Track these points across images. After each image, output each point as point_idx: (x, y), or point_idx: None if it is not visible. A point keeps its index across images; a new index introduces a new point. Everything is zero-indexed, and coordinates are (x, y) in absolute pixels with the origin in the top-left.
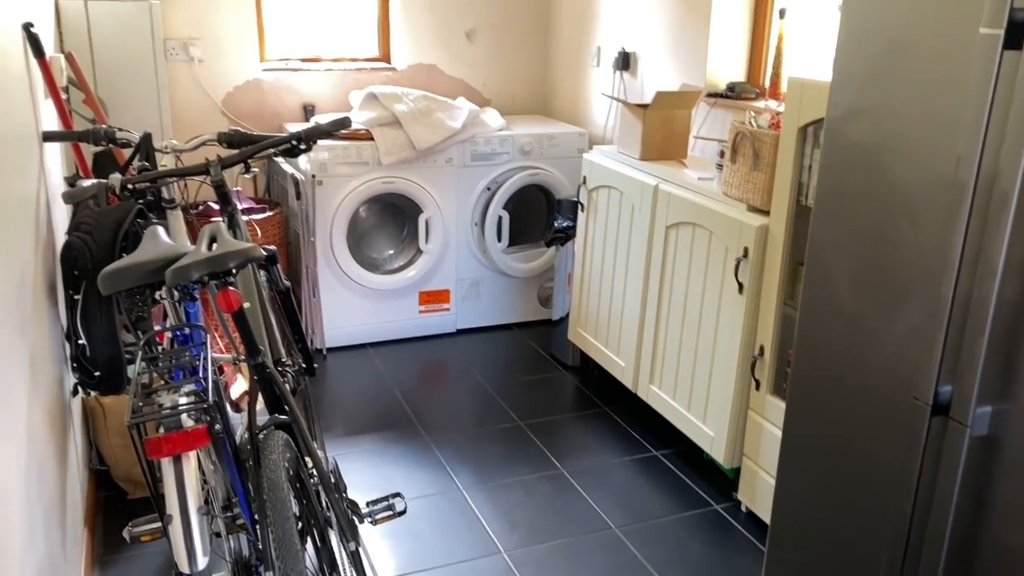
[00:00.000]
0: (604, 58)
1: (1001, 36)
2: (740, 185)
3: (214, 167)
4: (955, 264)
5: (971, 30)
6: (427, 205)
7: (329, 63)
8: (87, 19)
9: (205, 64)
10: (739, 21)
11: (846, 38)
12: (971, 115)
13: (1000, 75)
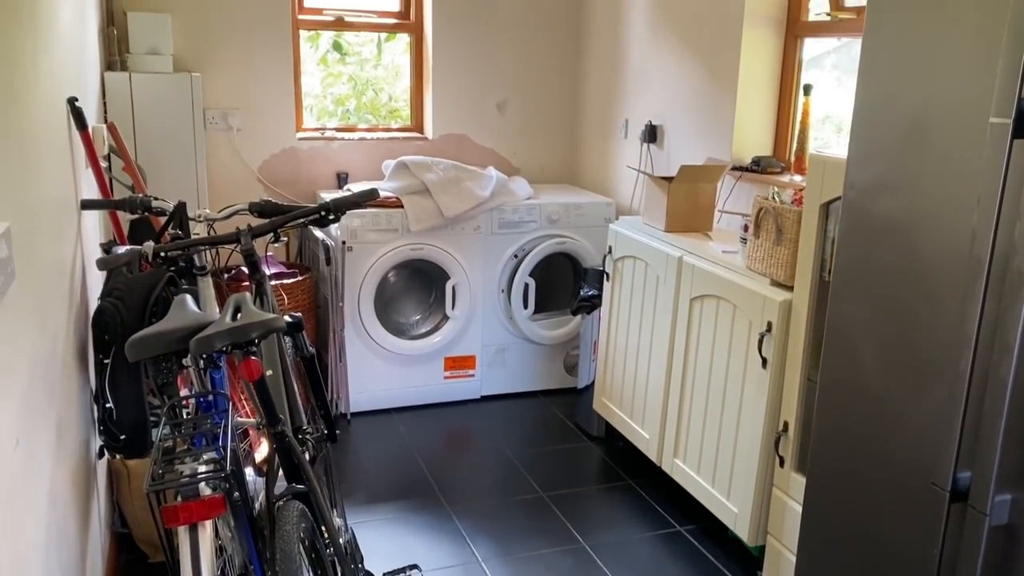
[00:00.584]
0: (632, 130)
1: (1010, 126)
2: (764, 259)
3: (244, 236)
4: (972, 340)
5: (982, 116)
6: (454, 271)
7: (363, 132)
8: (130, 90)
9: (243, 133)
10: (765, 96)
11: (861, 117)
12: (985, 197)
13: (1011, 162)
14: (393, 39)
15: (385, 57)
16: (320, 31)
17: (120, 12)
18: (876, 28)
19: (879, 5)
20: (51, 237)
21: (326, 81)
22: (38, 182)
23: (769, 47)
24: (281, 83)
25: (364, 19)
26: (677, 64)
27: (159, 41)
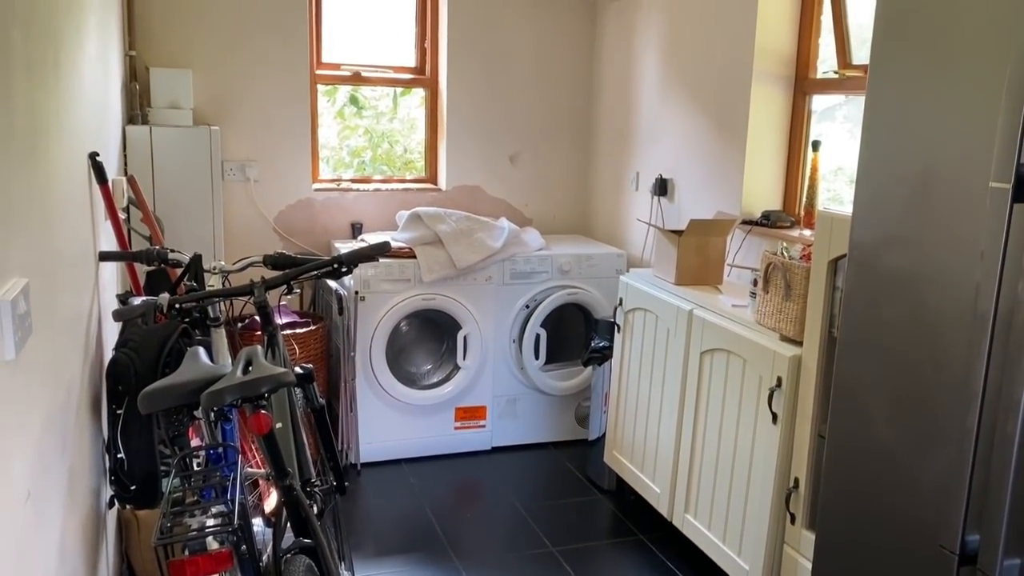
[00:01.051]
0: (642, 183)
1: (1010, 191)
2: (773, 315)
3: (258, 288)
4: (978, 397)
5: (984, 174)
6: (466, 321)
7: (378, 184)
8: (151, 143)
9: (260, 184)
10: (774, 151)
11: (865, 176)
12: (987, 254)
13: (1011, 226)
14: (409, 93)
15: (401, 110)
16: (337, 86)
17: (143, 68)
18: (878, 88)
19: (881, 66)
20: (69, 289)
21: (342, 134)
22: (58, 235)
23: (778, 103)
24: (298, 136)
25: (380, 74)
26: (687, 119)
27: (180, 95)
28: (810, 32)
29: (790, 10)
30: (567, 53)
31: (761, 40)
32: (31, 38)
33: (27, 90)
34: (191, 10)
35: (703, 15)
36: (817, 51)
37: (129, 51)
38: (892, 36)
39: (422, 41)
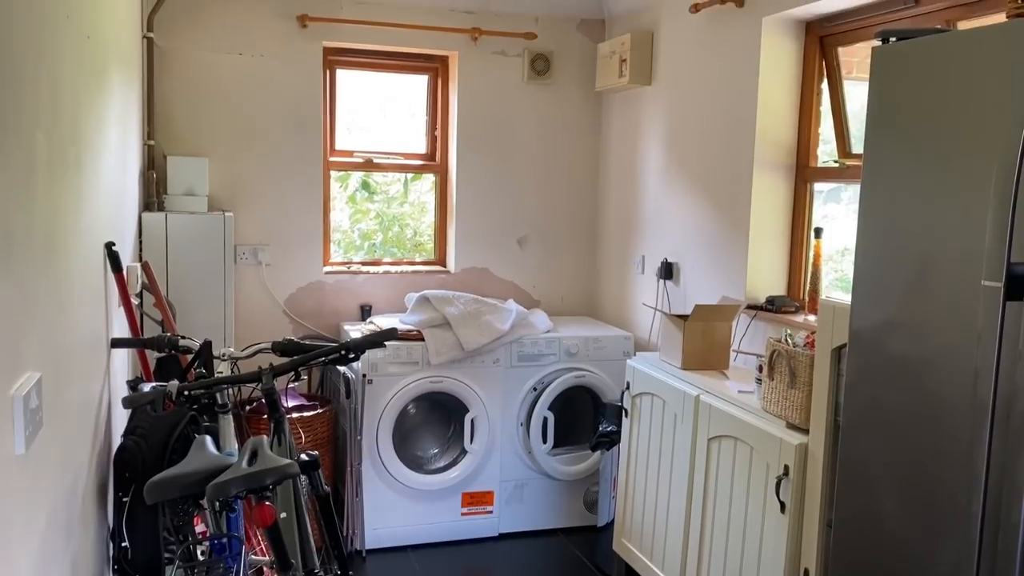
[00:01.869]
0: (648, 266)
1: (1002, 290)
2: (779, 402)
3: (266, 375)
4: (982, 483)
5: (977, 262)
6: (473, 404)
7: (387, 266)
8: (166, 230)
9: (272, 267)
10: (777, 237)
11: (863, 264)
12: (984, 345)
13: (1005, 322)
14: (419, 179)
15: (411, 194)
16: (350, 172)
17: (160, 156)
18: (872, 179)
19: (874, 158)
20: (81, 377)
21: (354, 217)
22: (73, 325)
23: (780, 191)
24: (310, 220)
25: (392, 160)
26: (691, 204)
27: (196, 183)
28: (809, 121)
29: (789, 100)
30: (573, 140)
31: (762, 129)
32: (55, 140)
33: (49, 190)
34: (209, 101)
35: (705, 104)
36: (817, 140)
37: (148, 140)
38: (884, 129)
39: (433, 129)
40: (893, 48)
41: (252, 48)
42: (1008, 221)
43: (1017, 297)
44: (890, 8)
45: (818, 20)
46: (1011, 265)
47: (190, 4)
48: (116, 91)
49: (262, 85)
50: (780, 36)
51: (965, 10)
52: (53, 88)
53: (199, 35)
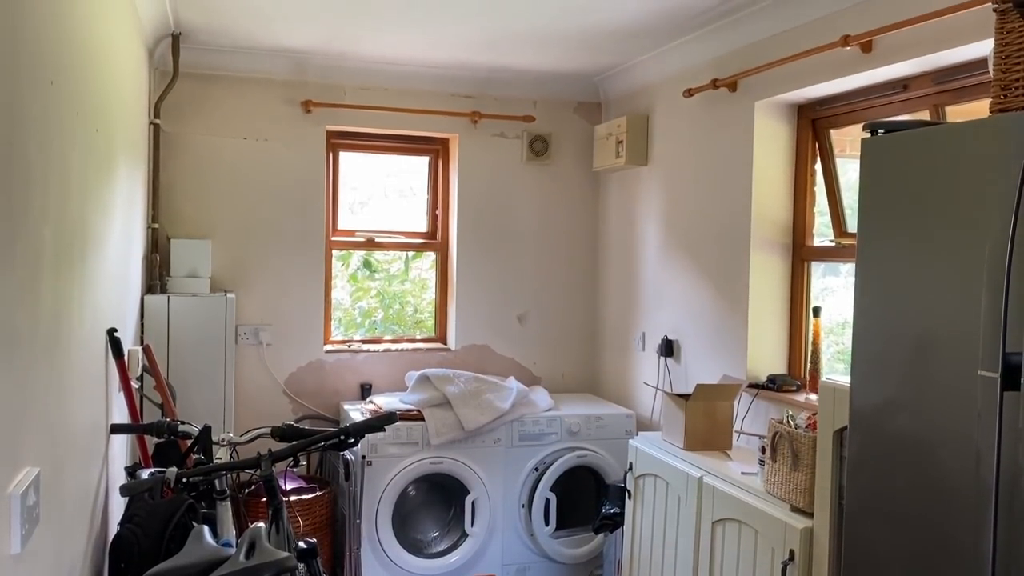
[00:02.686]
0: (649, 343)
1: (999, 380)
2: (782, 484)
3: (265, 462)
4: (989, 564)
5: (973, 344)
6: (474, 486)
7: (388, 344)
8: (168, 312)
9: (272, 347)
10: (776, 316)
11: (861, 345)
12: (983, 434)
13: (1004, 412)
14: (420, 256)
15: (412, 272)
16: (352, 250)
17: (164, 238)
18: (867, 260)
19: (868, 239)
20: (79, 467)
21: (355, 295)
22: (72, 415)
23: (777, 270)
24: (312, 300)
25: (393, 239)
26: (690, 282)
27: (198, 265)
28: (805, 201)
29: (784, 181)
30: (572, 219)
31: (758, 209)
32: (62, 234)
33: (54, 285)
34: (213, 184)
35: (701, 184)
36: (812, 220)
37: (152, 223)
38: (875, 215)
39: (434, 208)
40: (881, 140)
41: (257, 132)
42: (1003, 309)
43: (1014, 387)
44: (880, 93)
45: (810, 104)
46: (1007, 355)
47: (196, 91)
48: (122, 179)
49: (266, 168)
50: (773, 119)
51: (953, 95)
52: (62, 183)
53: (204, 120)
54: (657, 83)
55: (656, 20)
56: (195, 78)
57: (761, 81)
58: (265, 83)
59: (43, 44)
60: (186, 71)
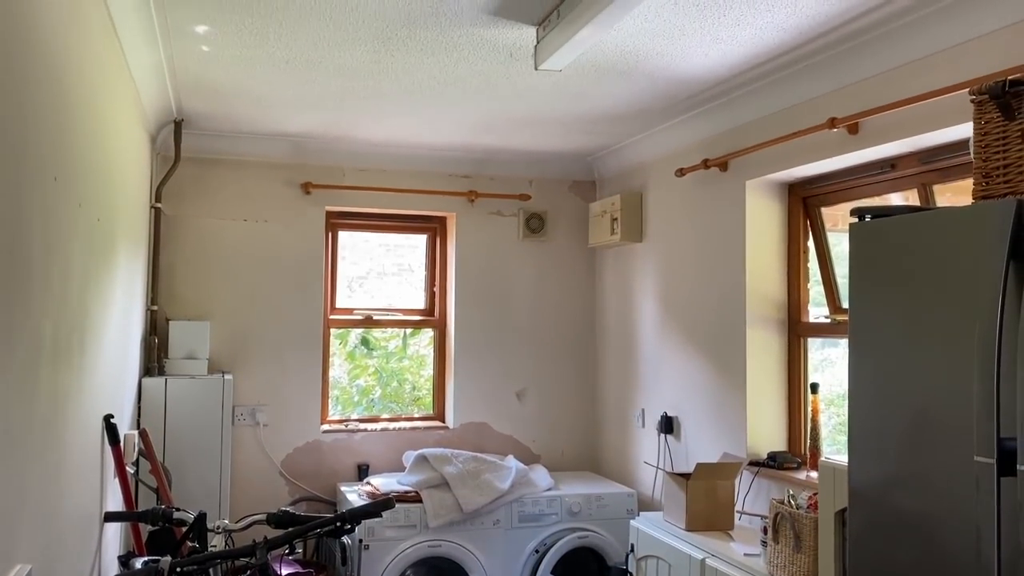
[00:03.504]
0: (648, 419)
1: (995, 466)
2: (785, 566)
3: (260, 550)
4: None
5: (967, 423)
6: (473, 570)
7: (385, 423)
8: (165, 394)
9: (269, 427)
10: (774, 392)
11: (856, 425)
12: (982, 511)
13: (1001, 497)
14: (418, 334)
15: (410, 349)
16: (350, 328)
17: (163, 320)
18: (859, 345)
19: (859, 316)
20: (72, 559)
21: (352, 373)
22: (66, 506)
23: (774, 346)
24: (309, 379)
25: (392, 316)
26: (687, 358)
27: (196, 346)
28: (799, 278)
29: (777, 257)
30: (569, 295)
31: (752, 286)
32: (61, 326)
33: (52, 376)
34: (212, 265)
35: (696, 261)
36: (807, 296)
37: (151, 306)
38: (866, 296)
39: (431, 284)
40: (868, 225)
41: (257, 214)
42: (994, 391)
43: (1010, 472)
44: (868, 172)
45: (800, 183)
46: (1001, 440)
47: (197, 174)
48: (122, 264)
49: (265, 249)
50: (764, 197)
51: (939, 175)
52: (63, 277)
53: (205, 203)
54: (650, 162)
55: (647, 104)
56: (196, 162)
57: (751, 161)
58: (265, 166)
59: (48, 142)
60: (188, 155)
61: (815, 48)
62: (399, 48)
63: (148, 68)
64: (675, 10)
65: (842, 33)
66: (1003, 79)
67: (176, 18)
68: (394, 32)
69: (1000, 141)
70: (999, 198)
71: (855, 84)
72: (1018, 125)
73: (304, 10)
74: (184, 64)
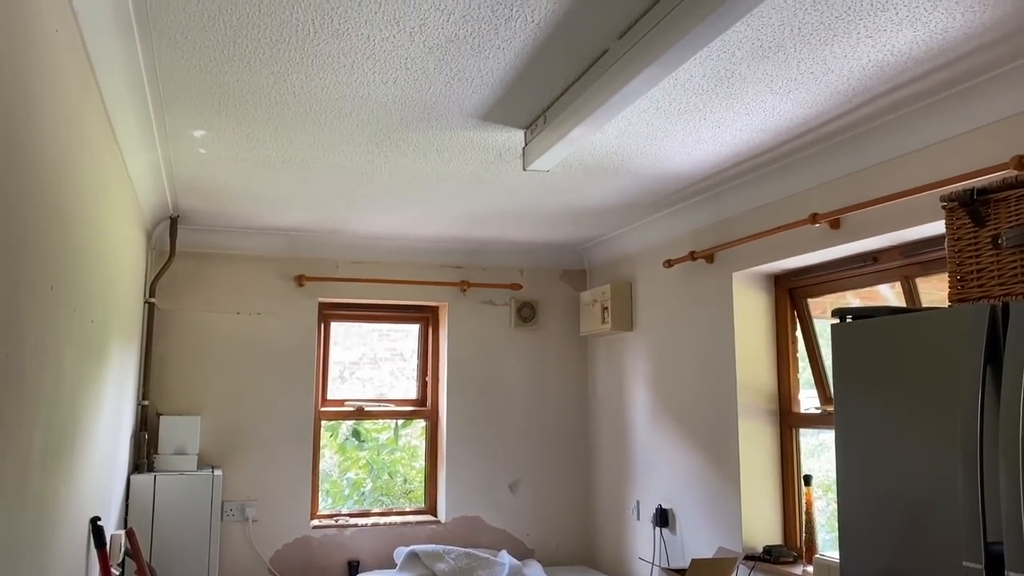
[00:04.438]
0: (643, 512)
1: (983, 571)
2: None
3: None
4: None
5: (956, 556)
6: None
7: (376, 517)
8: (153, 491)
9: (259, 523)
10: (768, 484)
11: (846, 521)
12: None
13: None
14: (409, 425)
15: (401, 440)
16: (341, 420)
17: (154, 415)
18: (846, 442)
19: (845, 418)
20: None
21: (343, 465)
22: None
23: (766, 437)
24: (299, 473)
25: (383, 407)
26: (680, 450)
27: (186, 442)
28: (788, 369)
29: (766, 348)
30: (562, 384)
31: (742, 376)
32: (51, 432)
33: (41, 483)
34: (205, 359)
35: (686, 351)
36: (797, 387)
37: (142, 401)
38: (850, 393)
39: (423, 374)
40: (850, 326)
41: (249, 307)
42: (978, 498)
43: None
44: (851, 265)
45: (785, 274)
46: (988, 545)
47: (191, 268)
48: (114, 363)
49: (258, 341)
50: (751, 289)
51: (921, 268)
52: (55, 383)
53: (199, 297)
54: (639, 252)
55: (634, 199)
56: (191, 256)
57: (737, 254)
58: (259, 259)
59: (46, 252)
60: (182, 250)
61: (794, 147)
62: (392, 149)
63: (146, 169)
64: (657, 114)
65: (819, 133)
66: (971, 188)
67: (174, 123)
68: (387, 135)
69: (972, 247)
70: (974, 301)
71: (835, 181)
72: (988, 231)
73: (299, 115)
74: (181, 165)
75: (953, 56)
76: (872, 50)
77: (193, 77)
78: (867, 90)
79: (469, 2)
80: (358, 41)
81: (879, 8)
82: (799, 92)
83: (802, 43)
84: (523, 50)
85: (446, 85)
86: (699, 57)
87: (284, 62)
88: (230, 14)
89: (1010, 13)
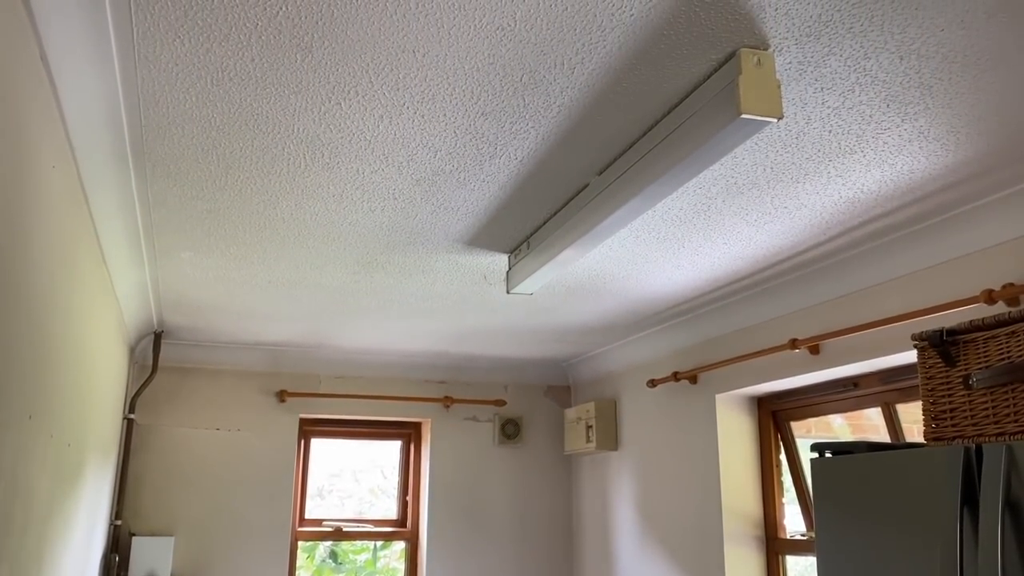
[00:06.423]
0: None
1: None
2: None
3: None
4: None
5: None
6: None
7: None
8: None
9: None
10: None
11: None
12: None
13: None
14: (389, 546)
15: (380, 562)
16: (318, 541)
17: (126, 535)
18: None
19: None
20: None
21: None
22: None
23: (753, 564)
24: None
25: (362, 528)
26: (666, 573)
27: (158, 565)
28: (773, 494)
29: (750, 470)
30: (545, 503)
31: (727, 501)
32: (18, 565)
33: None
34: (181, 476)
35: (671, 471)
36: (783, 512)
37: (115, 520)
38: (831, 522)
39: (404, 493)
40: (829, 461)
41: (230, 422)
42: None
43: None
44: (833, 389)
45: (768, 397)
46: None
47: (173, 383)
48: (89, 483)
49: (236, 458)
50: (734, 411)
51: (901, 394)
52: (25, 511)
53: (179, 412)
54: (623, 371)
55: (616, 319)
56: (173, 371)
57: (719, 376)
58: (241, 374)
59: (26, 382)
60: (164, 364)
61: (772, 274)
62: (378, 271)
63: (133, 288)
64: (637, 241)
65: (796, 262)
66: (941, 329)
67: (164, 245)
68: (373, 257)
69: (944, 386)
70: (949, 441)
71: (813, 307)
72: (959, 372)
73: (288, 239)
74: (168, 284)
75: (920, 194)
76: (843, 188)
77: (185, 204)
78: (840, 223)
79: (456, 140)
80: (347, 174)
81: (846, 151)
82: (774, 224)
83: (775, 181)
84: (507, 183)
85: (432, 213)
86: (676, 191)
87: (275, 191)
88: (224, 148)
89: (972, 157)
